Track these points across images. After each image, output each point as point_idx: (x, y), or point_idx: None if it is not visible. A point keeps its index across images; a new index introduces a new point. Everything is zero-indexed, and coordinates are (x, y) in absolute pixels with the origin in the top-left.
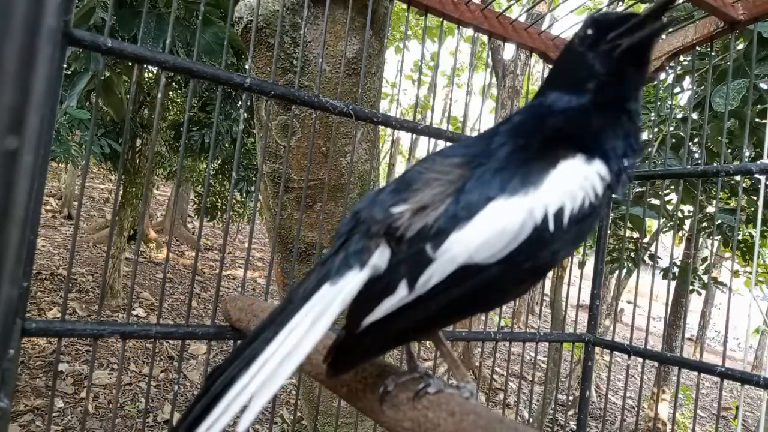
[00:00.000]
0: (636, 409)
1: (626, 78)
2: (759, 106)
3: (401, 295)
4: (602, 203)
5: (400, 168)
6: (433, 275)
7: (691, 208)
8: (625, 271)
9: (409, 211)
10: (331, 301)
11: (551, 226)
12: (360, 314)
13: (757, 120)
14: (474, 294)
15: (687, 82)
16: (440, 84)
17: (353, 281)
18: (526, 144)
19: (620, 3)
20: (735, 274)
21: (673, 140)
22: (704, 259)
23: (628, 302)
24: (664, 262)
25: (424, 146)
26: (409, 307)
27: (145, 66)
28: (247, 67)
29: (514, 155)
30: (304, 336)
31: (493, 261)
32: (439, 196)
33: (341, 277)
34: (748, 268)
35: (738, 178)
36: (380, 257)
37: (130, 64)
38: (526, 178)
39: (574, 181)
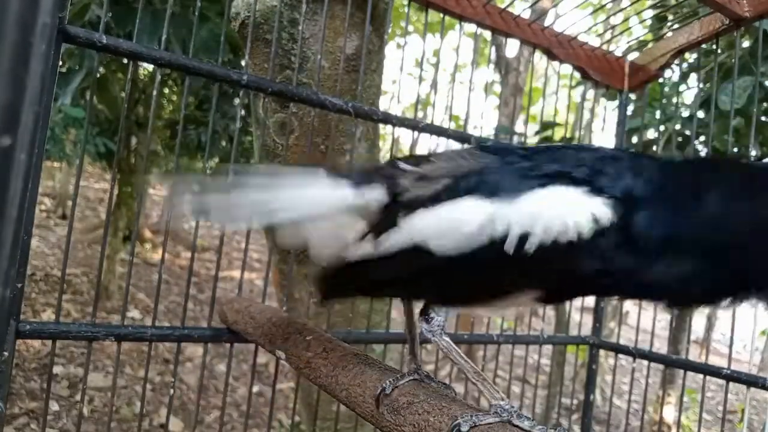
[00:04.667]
0: (641, 412)
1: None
2: (765, 104)
3: (367, 248)
4: (591, 250)
5: None
6: (392, 242)
7: None
8: None
9: (413, 174)
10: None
11: (511, 246)
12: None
13: (763, 118)
14: (422, 276)
15: (693, 79)
16: (442, 81)
17: (340, 192)
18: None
19: (621, 2)
20: None
21: (679, 138)
22: None
23: (634, 304)
24: None
25: (426, 145)
26: (371, 262)
27: (140, 63)
28: (244, 63)
29: (528, 171)
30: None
31: (442, 253)
32: (440, 172)
33: (337, 182)
34: None
35: None
36: (377, 192)
37: (125, 61)
38: (509, 188)
39: (554, 208)
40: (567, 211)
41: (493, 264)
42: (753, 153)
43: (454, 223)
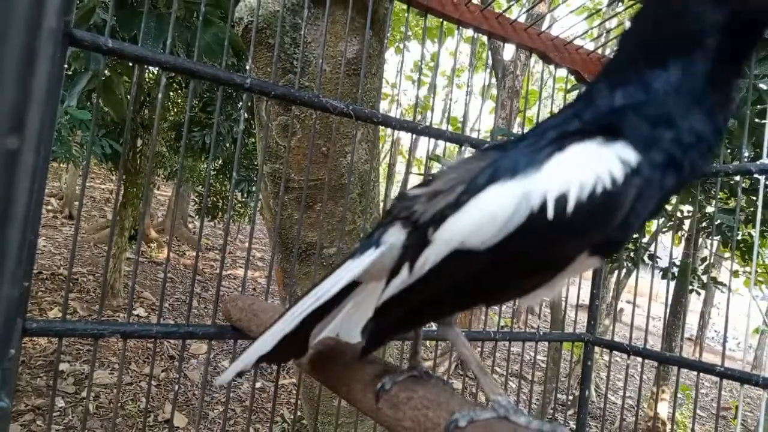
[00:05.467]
0: (635, 408)
1: (746, 39)
2: (758, 106)
3: (403, 276)
4: (625, 192)
5: (401, 168)
6: (428, 258)
7: (690, 208)
8: (624, 270)
9: (425, 195)
10: (347, 273)
11: (550, 213)
12: (381, 293)
13: (756, 120)
14: (470, 281)
15: None
16: (440, 84)
17: (369, 257)
18: (552, 135)
19: (620, 3)
20: (734, 274)
21: None
22: (704, 259)
23: (628, 302)
24: (663, 262)
25: (424, 147)
26: (410, 289)
27: (145, 66)
28: (247, 67)
29: (534, 144)
30: (319, 297)
31: (485, 247)
32: (452, 182)
33: (362, 254)
34: (747, 268)
35: (737, 178)
36: (395, 235)
37: (130, 64)
38: (530, 163)
39: (582, 164)
40: (595, 159)
41: (540, 237)
42: (746, 154)
43: (489, 212)
